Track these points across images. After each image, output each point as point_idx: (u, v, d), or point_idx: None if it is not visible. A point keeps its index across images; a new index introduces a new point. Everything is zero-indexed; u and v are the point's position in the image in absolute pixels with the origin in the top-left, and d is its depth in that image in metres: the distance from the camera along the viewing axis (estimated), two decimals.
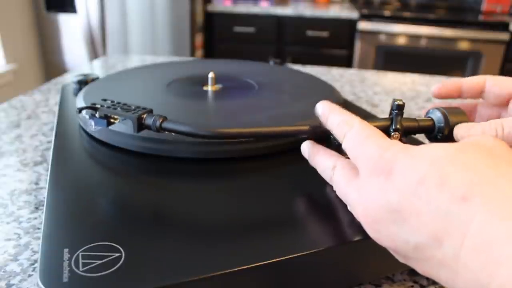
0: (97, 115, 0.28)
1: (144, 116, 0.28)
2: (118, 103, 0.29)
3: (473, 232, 0.16)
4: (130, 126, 0.28)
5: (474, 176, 0.17)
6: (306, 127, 0.27)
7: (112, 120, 0.28)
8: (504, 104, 0.28)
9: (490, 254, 0.15)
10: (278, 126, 0.28)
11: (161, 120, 0.27)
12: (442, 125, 0.27)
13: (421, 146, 0.20)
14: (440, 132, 0.27)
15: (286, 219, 0.25)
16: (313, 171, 0.27)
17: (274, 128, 0.27)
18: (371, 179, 0.20)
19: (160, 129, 0.27)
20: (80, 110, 0.28)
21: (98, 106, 0.29)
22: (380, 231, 0.20)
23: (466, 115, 0.27)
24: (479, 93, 0.29)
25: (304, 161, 0.28)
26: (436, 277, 0.18)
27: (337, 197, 0.25)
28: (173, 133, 0.27)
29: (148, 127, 0.28)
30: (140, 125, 0.28)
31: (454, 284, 0.17)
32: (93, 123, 0.28)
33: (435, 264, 0.18)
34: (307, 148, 0.28)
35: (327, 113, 0.25)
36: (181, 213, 0.25)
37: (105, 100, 0.30)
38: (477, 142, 0.19)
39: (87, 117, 0.29)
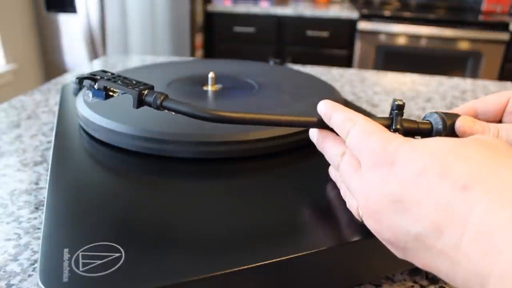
0: (95, 86, 0.27)
1: (145, 92, 0.26)
2: (119, 76, 0.28)
3: (473, 222, 0.16)
4: (130, 102, 0.26)
5: (474, 167, 0.17)
6: (312, 119, 0.27)
7: (111, 93, 0.27)
8: (499, 119, 0.28)
9: (490, 242, 0.15)
10: (280, 115, 0.27)
11: (162, 98, 0.26)
12: (440, 128, 0.27)
13: (423, 139, 0.20)
14: (438, 136, 0.27)
15: (286, 220, 0.25)
16: (313, 172, 0.27)
17: (277, 116, 0.26)
18: (373, 171, 0.21)
19: (161, 107, 0.26)
20: (80, 79, 0.27)
21: (98, 77, 0.27)
22: (381, 222, 0.20)
23: None
24: (474, 117, 0.28)
25: (305, 161, 0.28)
26: (435, 269, 0.18)
27: (337, 197, 0.25)
28: (173, 113, 0.26)
29: (149, 104, 0.26)
30: (140, 101, 0.26)
31: (454, 275, 0.17)
32: (90, 94, 0.27)
33: (435, 254, 0.18)
34: (316, 133, 0.27)
35: (330, 112, 0.25)
36: (181, 213, 0.25)
37: (105, 71, 0.29)
38: (476, 138, 0.20)
39: (86, 87, 0.27)
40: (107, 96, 0.27)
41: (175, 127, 0.32)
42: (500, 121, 0.29)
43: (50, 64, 2.06)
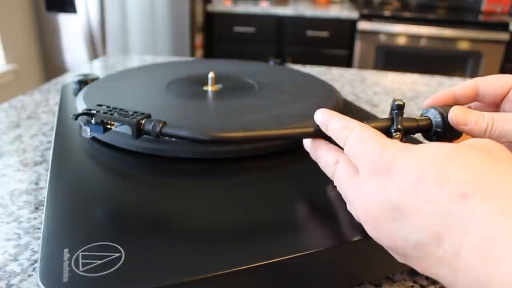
0: (93, 121, 0.27)
1: (143, 121, 0.27)
2: (114, 108, 0.29)
3: (473, 229, 0.16)
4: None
5: (473, 174, 0.17)
6: (309, 129, 0.27)
7: (108, 126, 0.27)
8: (499, 103, 0.29)
9: (490, 251, 0.15)
10: (280, 129, 0.27)
11: (160, 125, 0.27)
12: (439, 121, 0.27)
13: (421, 145, 0.20)
14: (438, 131, 0.27)
15: (286, 219, 0.25)
16: (313, 171, 0.27)
17: (276, 131, 0.27)
18: (371, 178, 0.21)
19: (160, 134, 0.27)
20: (76, 116, 0.27)
21: (94, 112, 0.28)
22: (380, 229, 0.20)
23: None
24: (474, 98, 0.29)
25: (305, 161, 0.28)
26: (436, 276, 0.18)
27: (337, 197, 0.25)
28: (173, 138, 0.27)
29: (148, 133, 0.27)
30: (139, 131, 0.27)
31: (455, 282, 0.17)
32: (88, 129, 0.28)
33: (435, 262, 0.18)
34: (309, 142, 0.27)
35: (327, 120, 0.25)
36: (181, 213, 0.25)
37: (100, 105, 0.29)
38: (475, 143, 0.20)
39: (82, 123, 0.28)
40: (105, 130, 0.28)
41: None
42: (498, 106, 0.29)
43: (50, 64, 2.06)
